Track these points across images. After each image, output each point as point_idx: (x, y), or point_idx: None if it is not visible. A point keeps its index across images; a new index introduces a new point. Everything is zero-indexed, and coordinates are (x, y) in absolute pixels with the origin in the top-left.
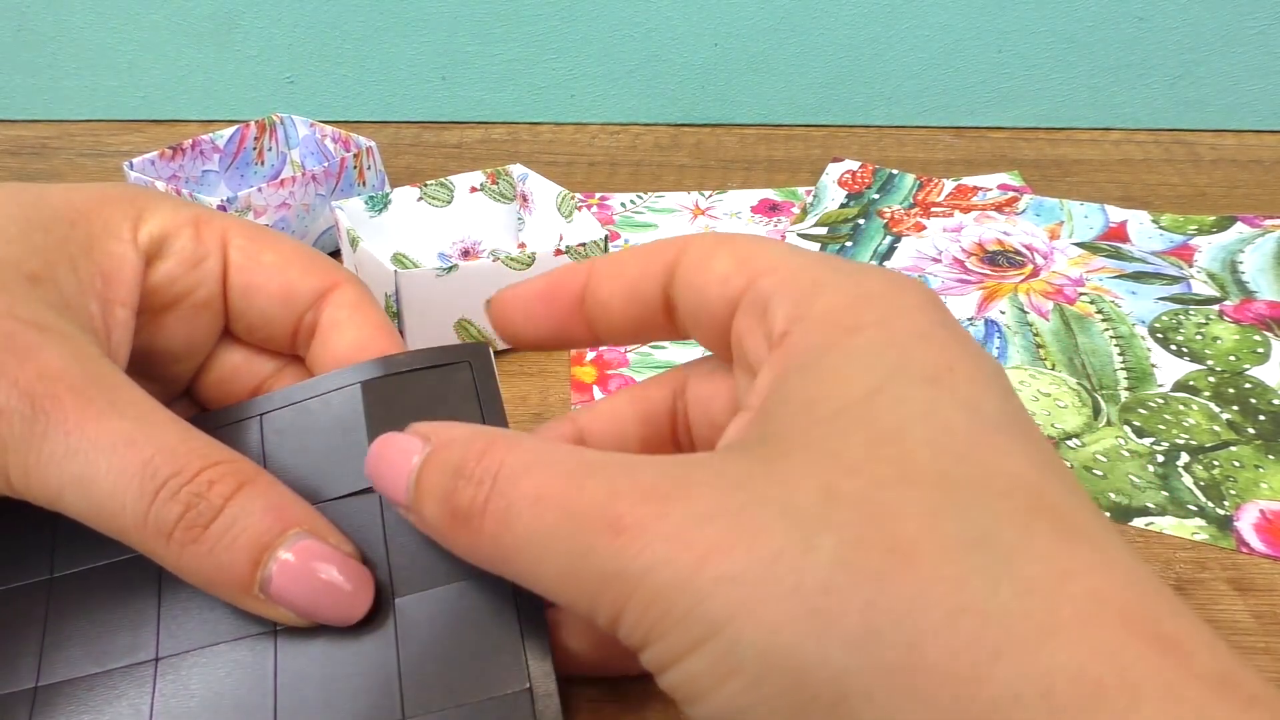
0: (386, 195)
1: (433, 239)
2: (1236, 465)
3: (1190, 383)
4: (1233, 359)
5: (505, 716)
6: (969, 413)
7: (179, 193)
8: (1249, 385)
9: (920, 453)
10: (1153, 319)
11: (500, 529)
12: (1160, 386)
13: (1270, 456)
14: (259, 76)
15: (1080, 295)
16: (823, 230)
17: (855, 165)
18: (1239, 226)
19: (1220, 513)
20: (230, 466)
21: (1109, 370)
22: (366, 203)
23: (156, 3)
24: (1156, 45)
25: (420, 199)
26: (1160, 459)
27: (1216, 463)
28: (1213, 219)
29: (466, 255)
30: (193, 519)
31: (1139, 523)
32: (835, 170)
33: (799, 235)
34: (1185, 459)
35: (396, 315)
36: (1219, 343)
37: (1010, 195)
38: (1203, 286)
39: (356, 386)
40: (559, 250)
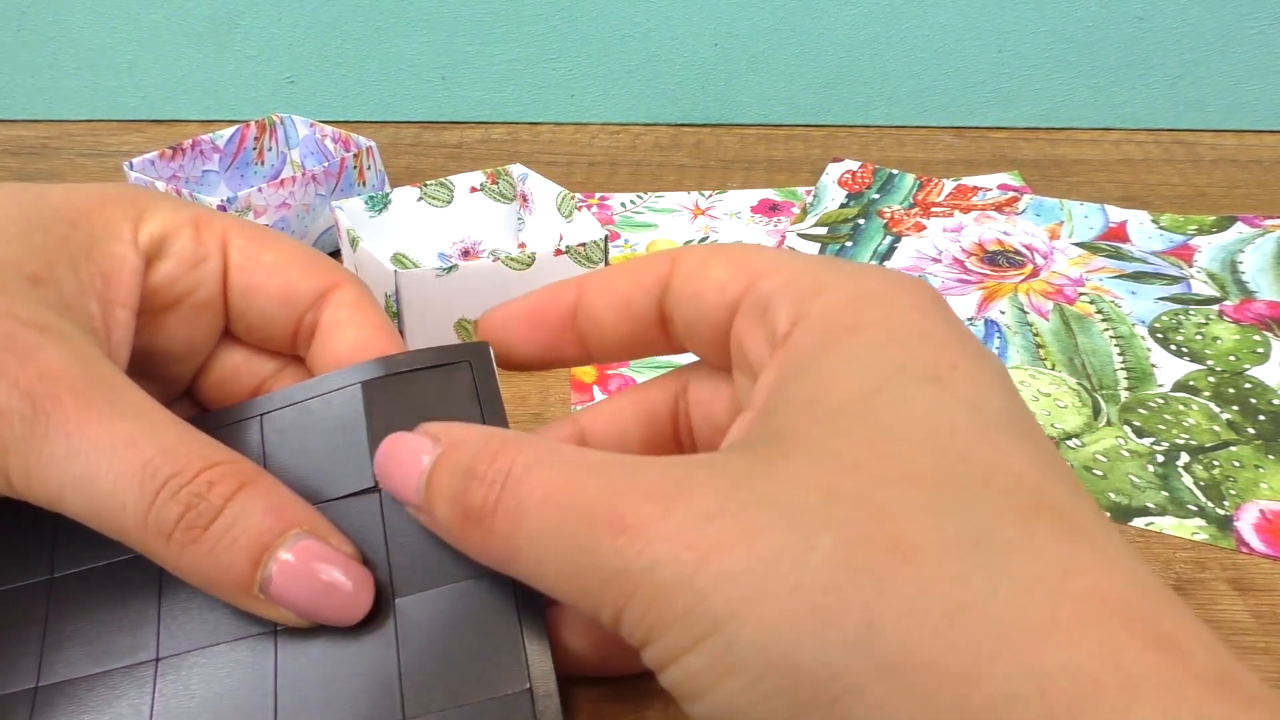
0: (386, 195)
1: (433, 239)
2: (1236, 465)
3: (1190, 383)
4: (1233, 359)
5: (506, 717)
6: (970, 411)
7: (179, 193)
8: (1249, 385)
9: (921, 451)
10: (1153, 319)
11: (511, 528)
12: (1160, 386)
13: (1270, 456)
14: (259, 76)
15: (1080, 295)
16: (823, 230)
17: (855, 165)
18: (1239, 226)
19: (1220, 513)
20: (230, 467)
21: (1109, 370)
22: (366, 203)
23: (156, 3)
24: (1156, 45)
25: (420, 199)
26: (1160, 459)
27: (1216, 463)
28: (1213, 219)
29: (466, 255)
30: (193, 519)
31: (1139, 523)
32: (835, 170)
33: (799, 235)
34: (1185, 459)
35: (396, 315)
36: (1219, 343)
37: (1010, 195)
38: (1203, 286)
39: (357, 386)
40: (559, 250)
